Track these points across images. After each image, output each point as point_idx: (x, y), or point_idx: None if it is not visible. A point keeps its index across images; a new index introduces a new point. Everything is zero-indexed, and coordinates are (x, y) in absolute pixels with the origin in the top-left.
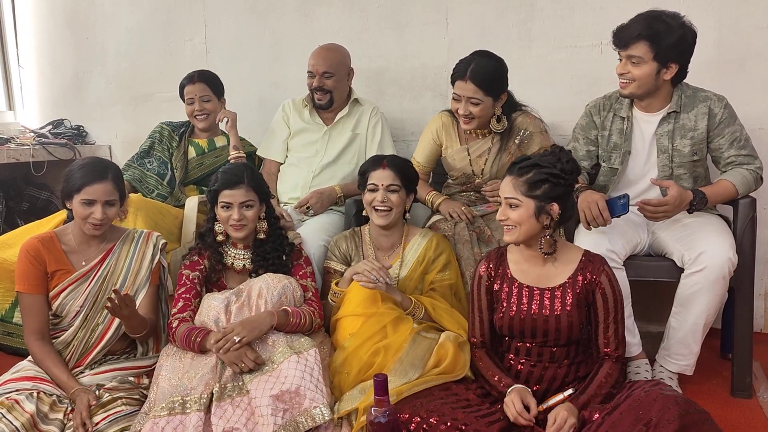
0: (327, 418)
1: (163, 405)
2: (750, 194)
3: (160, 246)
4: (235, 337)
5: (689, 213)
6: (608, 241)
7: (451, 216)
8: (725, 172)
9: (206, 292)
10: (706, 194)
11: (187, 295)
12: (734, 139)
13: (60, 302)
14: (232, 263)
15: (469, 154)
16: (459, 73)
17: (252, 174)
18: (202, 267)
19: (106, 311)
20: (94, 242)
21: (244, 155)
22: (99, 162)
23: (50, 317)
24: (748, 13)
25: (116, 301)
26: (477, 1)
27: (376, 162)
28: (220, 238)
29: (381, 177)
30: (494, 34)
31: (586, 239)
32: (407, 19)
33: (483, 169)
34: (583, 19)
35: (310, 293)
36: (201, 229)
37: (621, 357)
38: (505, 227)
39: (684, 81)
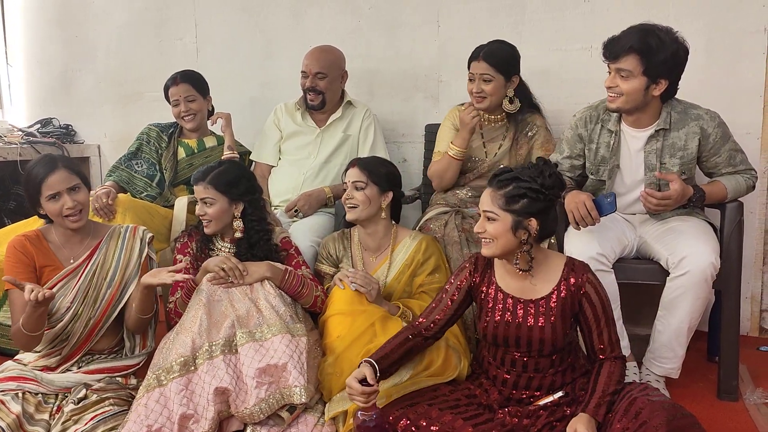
0: (303, 399)
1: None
2: (737, 198)
3: (147, 240)
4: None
5: (685, 207)
6: (597, 245)
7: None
8: (722, 175)
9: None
10: (705, 192)
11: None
12: (730, 156)
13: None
14: (218, 255)
15: (483, 137)
16: (473, 55)
17: (218, 174)
18: (189, 249)
19: (97, 306)
20: (80, 239)
21: (238, 156)
22: (44, 157)
23: None
24: (737, 17)
25: None
26: (468, 3)
27: (352, 161)
28: None
29: (349, 174)
30: (485, 36)
31: (576, 242)
32: (399, 20)
33: (496, 153)
34: (574, 22)
35: (309, 279)
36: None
37: (619, 356)
38: (483, 240)
39: (677, 100)
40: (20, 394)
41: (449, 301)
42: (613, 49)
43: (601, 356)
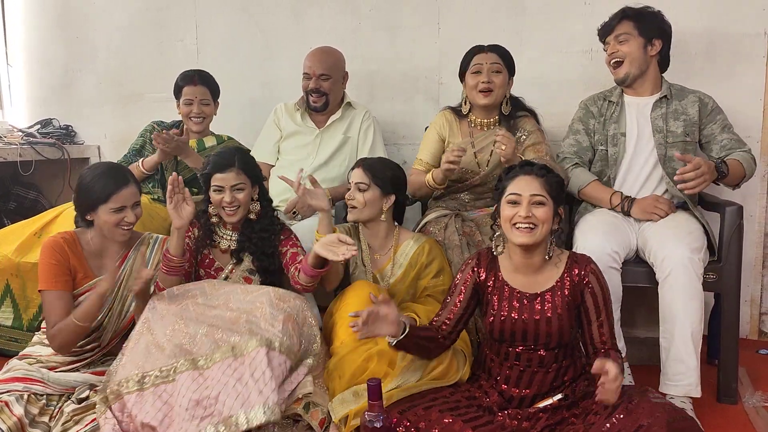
0: (254, 423)
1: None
2: (736, 202)
3: None
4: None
5: (717, 182)
6: (610, 242)
7: (450, 162)
8: (725, 156)
9: (196, 267)
10: (726, 162)
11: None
12: (725, 125)
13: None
14: (219, 242)
15: (473, 147)
16: (477, 48)
17: (243, 157)
18: (190, 234)
19: (122, 318)
20: (113, 247)
21: None
22: (117, 168)
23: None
24: (737, 21)
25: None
26: (469, 5)
27: (358, 161)
28: (213, 219)
29: (353, 175)
30: (486, 38)
31: (589, 241)
32: (399, 22)
33: (488, 161)
34: (574, 25)
35: (301, 257)
36: (198, 208)
37: (617, 349)
38: (524, 227)
39: (672, 83)
40: (25, 396)
41: (457, 301)
42: (606, 25)
43: (603, 347)
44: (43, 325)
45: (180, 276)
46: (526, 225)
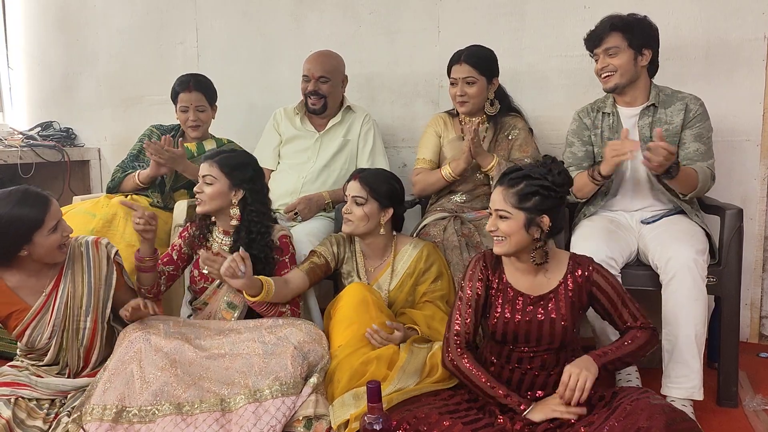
0: None
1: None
2: (736, 205)
3: (113, 254)
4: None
5: (665, 175)
6: (606, 247)
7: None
8: (686, 164)
9: (191, 267)
10: (680, 165)
11: (165, 259)
12: (700, 134)
13: (28, 338)
14: (212, 245)
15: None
16: (454, 59)
17: (226, 155)
18: (186, 234)
19: (81, 336)
20: (39, 268)
21: None
22: (28, 190)
23: (24, 347)
24: (736, 25)
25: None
26: (468, 10)
27: (354, 173)
28: (213, 218)
29: (349, 188)
30: (485, 42)
31: (584, 246)
32: (399, 26)
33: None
34: (573, 29)
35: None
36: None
37: (646, 325)
38: (495, 238)
39: (665, 85)
40: (12, 399)
41: (474, 309)
42: (594, 37)
43: (634, 325)
44: None
45: (154, 273)
46: (495, 236)
